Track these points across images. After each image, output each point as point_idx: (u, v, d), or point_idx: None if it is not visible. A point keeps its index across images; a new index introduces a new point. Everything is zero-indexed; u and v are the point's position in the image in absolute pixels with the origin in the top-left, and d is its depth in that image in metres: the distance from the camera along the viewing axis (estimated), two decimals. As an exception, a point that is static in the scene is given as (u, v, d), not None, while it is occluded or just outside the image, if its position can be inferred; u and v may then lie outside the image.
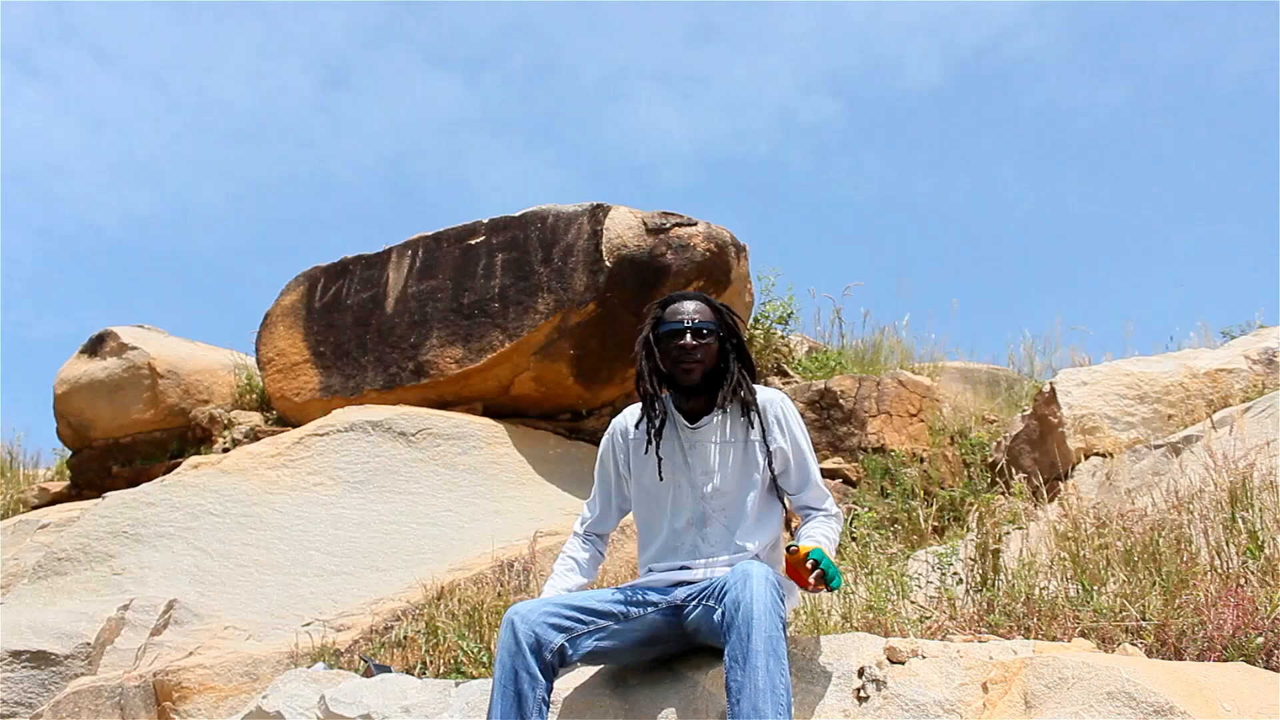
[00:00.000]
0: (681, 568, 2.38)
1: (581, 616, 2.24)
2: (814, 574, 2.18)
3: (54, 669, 4.40)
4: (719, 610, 2.11)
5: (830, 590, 2.22)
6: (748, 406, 2.41)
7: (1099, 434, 5.36)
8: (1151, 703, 1.92)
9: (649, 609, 2.30)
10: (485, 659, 3.80)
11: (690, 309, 2.44)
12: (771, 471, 2.44)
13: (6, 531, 6.76)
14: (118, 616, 4.68)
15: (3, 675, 4.36)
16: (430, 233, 7.56)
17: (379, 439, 6.26)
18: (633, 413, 2.56)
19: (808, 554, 2.19)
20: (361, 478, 6.01)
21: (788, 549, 2.25)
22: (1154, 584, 2.73)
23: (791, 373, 8.04)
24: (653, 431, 2.43)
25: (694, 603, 2.25)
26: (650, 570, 2.43)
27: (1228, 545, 2.84)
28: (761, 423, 2.42)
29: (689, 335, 2.39)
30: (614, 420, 2.61)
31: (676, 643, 2.36)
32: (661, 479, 2.43)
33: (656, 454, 2.43)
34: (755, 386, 2.47)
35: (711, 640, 2.26)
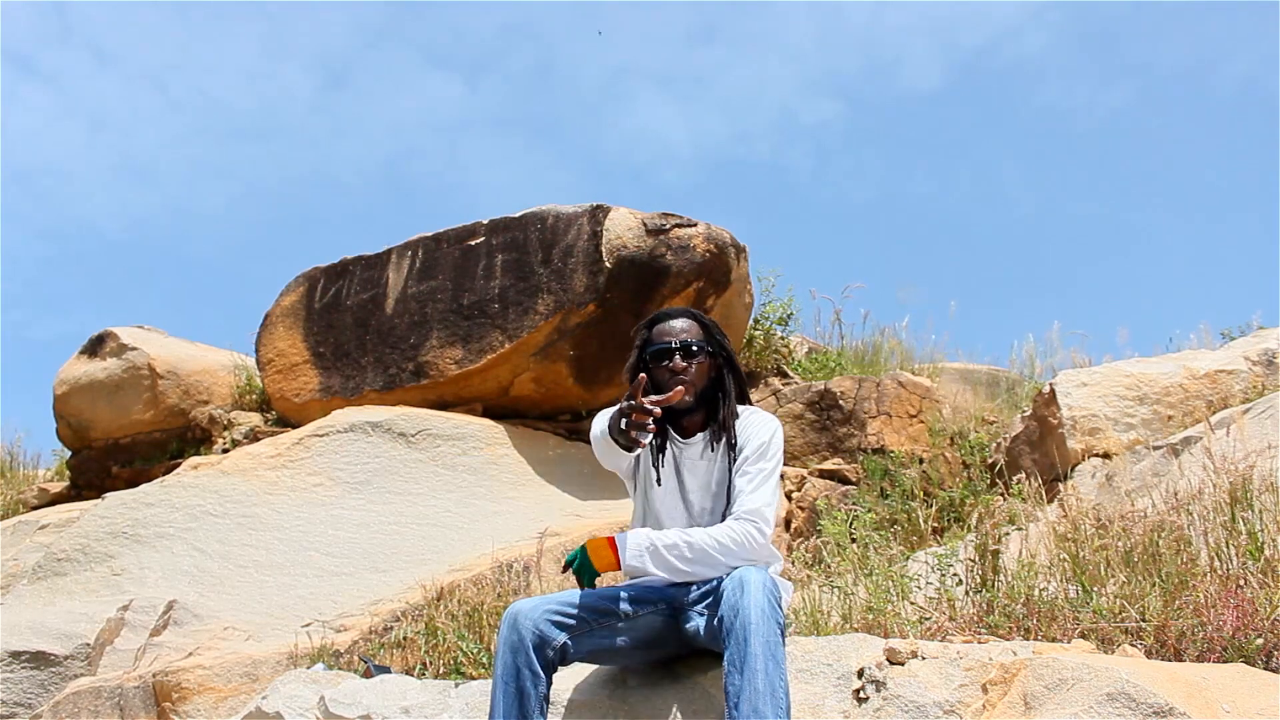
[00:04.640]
0: None
1: (583, 615, 2.25)
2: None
3: (53, 669, 4.40)
4: (716, 617, 2.11)
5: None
6: (733, 441, 2.39)
7: (1099, 435, 5.36)
8: (1151, 704, 1.92)
9: (648, 608, 2.31)
10: (485, 660, 3.80)
11: (679, 327, 2.40)
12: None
13: (6, 532, 6.76)
14: (117, 617, 4.67)
15: (2, 676, 4.35)
16: (430, 233, 7.56)
17: (379, 440, 6.26)
18: None
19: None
20: (361, 478, 6.01)
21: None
22: (1154, 585, 2.73)
23: (791, 374, 8.04)
24: (656, 454, 2.42)
25: (692, 608, 2.28)
26: None
27: (1227, 546, 2.84)
28: (738, 451, 2.39)
29: (678, 356, 2.37)
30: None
31: (676, 644, 2.37)
32: (659, 486, 2.44)
33: (656, 469, 2.44)
34: (749, 409, 2.46)
35: (710, 645, 2.27)
